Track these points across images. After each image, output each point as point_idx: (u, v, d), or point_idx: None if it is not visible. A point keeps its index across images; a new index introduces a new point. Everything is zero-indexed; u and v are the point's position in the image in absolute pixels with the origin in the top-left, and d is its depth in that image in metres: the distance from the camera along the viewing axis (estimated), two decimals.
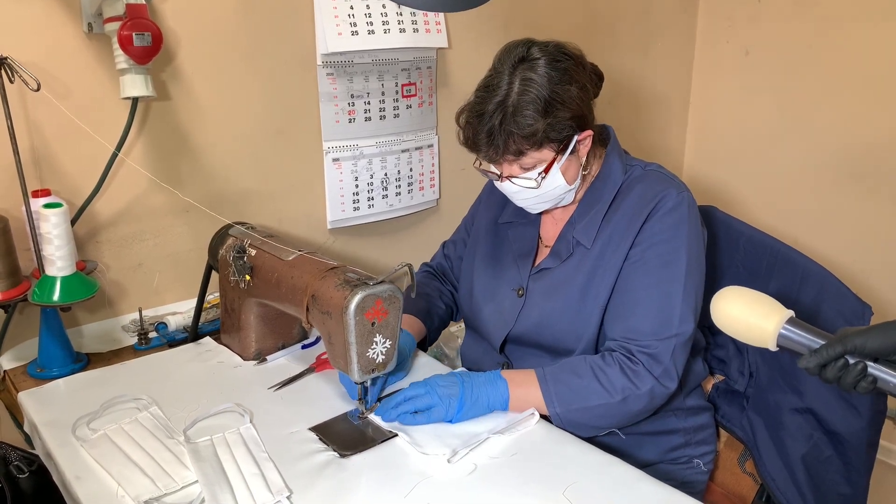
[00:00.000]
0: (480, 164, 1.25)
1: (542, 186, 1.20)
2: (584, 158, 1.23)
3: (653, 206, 1.20)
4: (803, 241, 2.35)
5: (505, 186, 1.23)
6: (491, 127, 1.15)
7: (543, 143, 1.15)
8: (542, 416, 1.18)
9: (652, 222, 1.20)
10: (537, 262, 1.32)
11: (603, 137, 1.30)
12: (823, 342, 0.87)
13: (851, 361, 0.86)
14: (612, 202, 1.25)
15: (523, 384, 1.18)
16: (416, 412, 1.15)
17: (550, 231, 1.33)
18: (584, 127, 1.19)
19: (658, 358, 1.16)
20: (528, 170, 1.19)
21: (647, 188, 1.23)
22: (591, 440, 1.16)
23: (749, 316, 0.91)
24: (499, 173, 1.22)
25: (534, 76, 1.14)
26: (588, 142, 1.21)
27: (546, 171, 1.18)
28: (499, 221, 1.40)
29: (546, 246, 1.33)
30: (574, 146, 1.18)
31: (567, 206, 1.30)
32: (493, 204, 1.43)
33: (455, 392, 1.15)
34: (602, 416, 1.17)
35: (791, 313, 0.90)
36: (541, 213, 1.34)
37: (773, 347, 0.91)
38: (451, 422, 1.14)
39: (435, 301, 1.49)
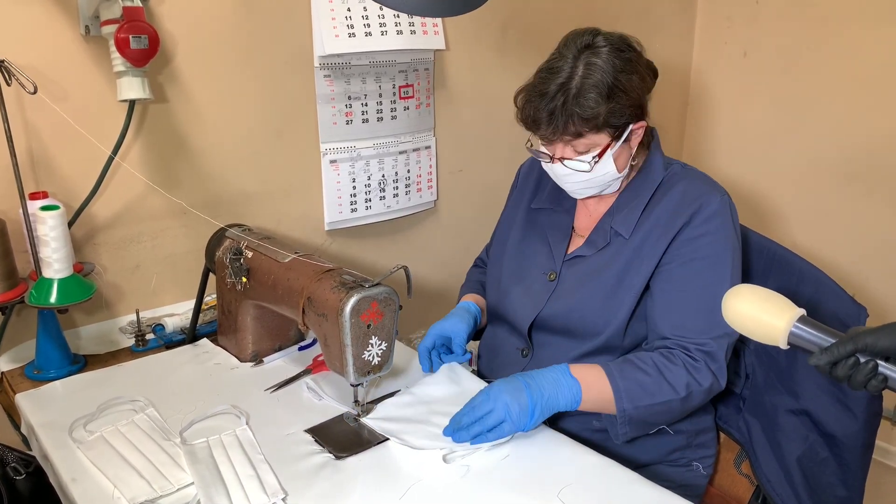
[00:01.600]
0: (531, 144, 1.27)
1: (595, 171, 1.22)
2: (635, 149, 1.26)
3: (697, 206, 1.22)
4: (801, 241, 2.35)
5: (555, 168, 1.25)
6: (553, 107, 1.17)
7: (603, 127, 1.18)
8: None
9: (697, 223, 1.21)
10: (570, 251, 1.34)
11: (647, 137, 1.32)
12: (834, 340, 0.88)
13: (862, 360, 0.86)
14: (652, 196, 1.27)
15: (594, 383, 1.15)
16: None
17: (584, 222, 1.35)
18: (640, 116, 1.22)
19: (715, 356, 1.18)
20: (580, 153, 1.21)
21: (692, 186, 1.25)
22: (588, 441, 1.16)
23: (760, 314, 0.91)
24: (551, 155, 1.24)
25: (598, 62, 1.17)
26: (641, 133, 1.24)
27: (600, 155, 1.20)
28: (532, 206, 1.42)
29: (580, 236, 1.34)
30: (628, 135, 1.21)
31: (605, 198, 1.32)
32: (526, 189, 1.45)
33: (524, 402, 1.10)
34: (664, 412, 1.18)
35: (802, 312, 0.90)
36: (575, 203, 1.36)
37: (783, 346, 0.90)
38: (523, 430, 1.12)
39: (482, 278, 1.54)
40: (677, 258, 1.22)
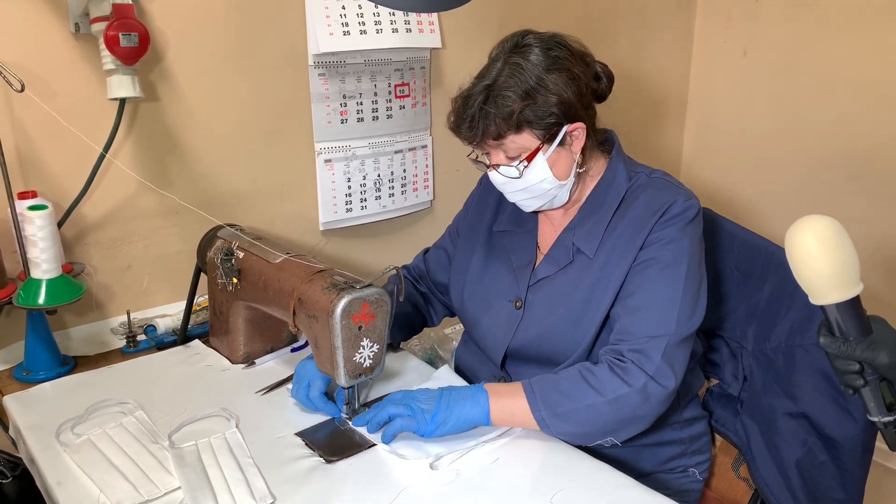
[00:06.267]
0: (476, 156, 1.23)
1: (525, 177, 1.17)
2: (578, 154, 1.20)
3: (660, 215, 1.17)
4: None
5: (493, 177, 1.21)
6: (473, 110, 1.14)
7: (521, 125, 1.13)
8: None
9: (656, 229, 1.16)
10: (534, 271, 1.29)
11: (607, 142, 1.27)
12: (858, 336, 0.87)
13: (866, 371, 0.87)
14: (616, 209, 1.22)
15: (506, 394, 1.13)
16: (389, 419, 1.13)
17: (548, 237, 1.30)
18: (572, 118, 1.15)
19: (648, 354, 1.12)
20: (512, 158, 1.17)
21: (653, 198, 1.19)
22: (587, 448, 1.14)
23: (829, 270, 0.85)
24: (488, 163, 1.20)
25: (521, 62, 1.13)
26: (580, 135, 1.18)
27: (528, 159, 1.15)
28: (493, 229, 1.36)
29: (543, 253, 1.30)
30: (563, 138, 1.16)
31: (567, 211, 1.27)
32: (485, 210, 1.39)
33: (430, 407, 1.11)
34: (592, 418, 1.10)
35: (861, 288, 0.86)
36: (538, 221, 1.31)
37: (815, 303, 0.88)
38: (423, 436, 1.10)
39: (402, 306, 1.45)
40: (634, 265, 1.17)
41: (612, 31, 2.29)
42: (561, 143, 1.16)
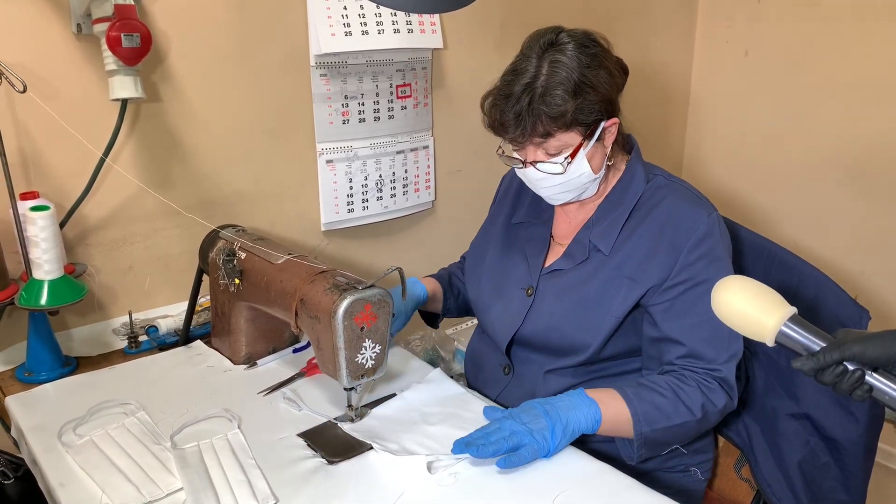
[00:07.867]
0: (503, 151, 1.24)
1: (568, 172, 1.18)
2: (610, 148, 1.22)
3: (686, 233, 1.18)
4: (803, 242, 2.33)
5: (528, 173, 1.21)
6: (519, 108, 1.14)
7: (572, 124, 1.15)
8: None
9: (689, 249, 1.17)
10: (549, 262, 1.30)
11: (627, 144, 1.29)
12: (823, 344, 0.86)
13: (850, 368, 0.84)
14: (633, 209, 1.23)
15: (611, 404, 1.12)
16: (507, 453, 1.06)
17: (563, 229, 1.32)
18: (612, 113, 1.19)
19: (727, 381, 1.16)
20: (552, 155, 1.18)
21: (677, 207, 1.20)
22: (585, 447, 1.14)
23: (750, 309, 0.88)
24: (522, 160, 1.21)
25: (563, 59, 1.14)
26: (614, 130, 1.21)
27: (573, 155, 1.17)
28: (512, 221, 1.39)
29: (559, 244, 1.31)
30: (601, 133, 1.18)
31: (584, 206, 1.29)
32: (507, 204, 1.42)
33: (543, 424, 1.07)
34: (678, 433, 1.16)
35: (794, 311, 0.88)
36: (554, 213, 1.33)
37: (770, 344, 0.88)
38: (546, 456, 1.07)
39: (456, 272, 1.56)
40: (675, 287, 1.17)
41: (614, 31, 2.25)
42: (598, 138, 1.18)
